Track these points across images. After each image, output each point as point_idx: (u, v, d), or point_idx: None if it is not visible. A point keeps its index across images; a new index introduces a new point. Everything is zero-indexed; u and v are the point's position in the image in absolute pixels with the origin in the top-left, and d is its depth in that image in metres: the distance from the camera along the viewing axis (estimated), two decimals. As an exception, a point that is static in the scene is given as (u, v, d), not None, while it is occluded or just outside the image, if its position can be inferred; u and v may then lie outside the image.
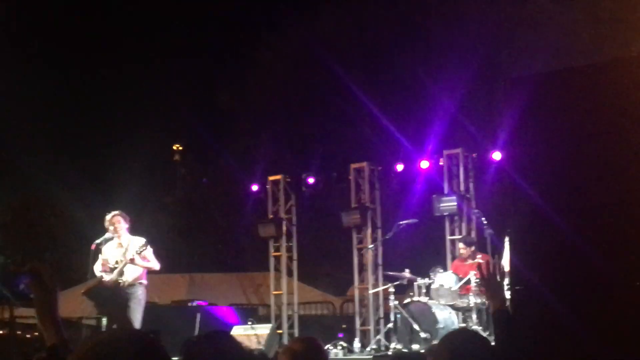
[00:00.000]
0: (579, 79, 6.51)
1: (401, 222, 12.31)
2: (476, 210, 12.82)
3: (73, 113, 18.67)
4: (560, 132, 6.40)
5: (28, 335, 13.02)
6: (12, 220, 18.91)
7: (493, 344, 4.24)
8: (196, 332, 11.97)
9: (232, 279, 19.10)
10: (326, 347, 12.94)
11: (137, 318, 9.76)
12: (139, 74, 18.34)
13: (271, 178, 15.90)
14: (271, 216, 15.72)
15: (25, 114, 17.15)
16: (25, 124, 17.11)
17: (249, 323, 12.27)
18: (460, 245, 12.18)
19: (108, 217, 10.01)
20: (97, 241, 9.88)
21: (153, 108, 19.06)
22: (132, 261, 9.85)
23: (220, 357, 2.19)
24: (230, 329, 12.61)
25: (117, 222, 9.96)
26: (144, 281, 10.04)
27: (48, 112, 18.06)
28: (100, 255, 9.99)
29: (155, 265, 10.09)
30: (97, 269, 9.98)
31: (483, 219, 11.70)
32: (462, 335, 3.95)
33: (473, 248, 11.76)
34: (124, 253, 9.91)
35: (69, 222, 18.22)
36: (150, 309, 9.99)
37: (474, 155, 13.91)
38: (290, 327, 15.43)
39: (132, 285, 9.87)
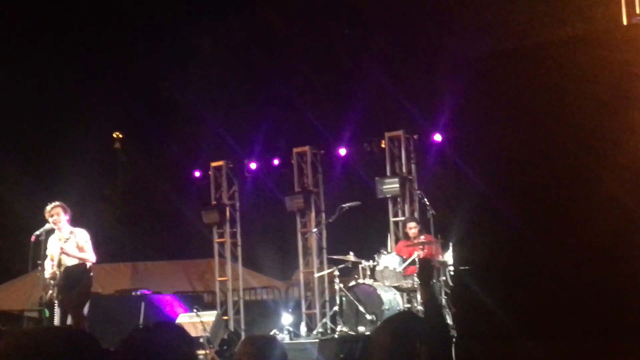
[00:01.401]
0: (518, 59, 6.57)
1: (344, 205, 12.33)
2: (418, 192, 12.91)
3: (12, 103, 18.31)
4: (500, 113, 6.46)
5: (3, 328, 12.82)
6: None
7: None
8: (141, 321, 11.87)
9: (176, 267, 18.98)
10: (272, 332, 12.95)
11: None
12: (78, 62, 18.06)
13: (214, 164, 15.81)
14: (214, 202, 15.64)
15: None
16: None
17: (195, 310, 12.20)
18: (412, 224, 12.20)
19: (48, 208, 9.86)
20: (37, 232, 9.71)
21: (93, 96, 18.79)
22: (63, 251, 9.72)
23: (166, 347, 2.16)
24: (175, 317, 12.54)
25: (56, 214, 9.81)
26: (92, 264, 9.90)
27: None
28: (47, 249, 9.84)
29: (91, 257, 9.93)
30: (47, 264, 9.83)
31: (425, 200, 11.78)
32: (401, 318, 3.98)
33: (419, 227, 11.86)
34: (63, 245, 9.78)
35: (9, 214, 17.89)
36: (94, 299, 9.85)
37: (416, 137, 13.99)
38: (236, 313, 15.40)
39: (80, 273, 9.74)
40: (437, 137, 13.38)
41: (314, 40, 17.11)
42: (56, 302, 9.70)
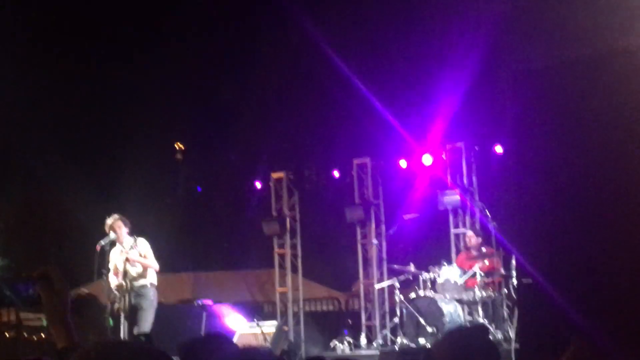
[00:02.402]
0: (580, 69, 6.49)
1: (405, 217, 12.32)
2: (480, 203, 12.81)
3: (77, 114, 18.63)
4: (562, 124, 6.39)
5: (35, 338, 13.02)
6: (17, 222, 18.90)
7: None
8: (202, 331, 11.97)
9: (236, 277, 19.09)
10: (332, 343, 12.95)
11: (148, 319, 9.77)
12: (140, 73, 18.33)
13: (274, 175, 15.90)
14: (275, 213, 15.72)
15: (29, 116, 17.13)
16: (28, 125, 17.09)
17: (255, 321, 12.27)
18: (469, 233, 12.16)
19: (108, 222, 10.01)
20: (102, 242, 9.88)
21: (155, 107, 19.03)
22: (128, 259, 9.87)
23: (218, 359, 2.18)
24: (236, 327, 12.61)
25: (117, 227, 9.96)
26: (154, 282, 10.03)
27: (51, 112, 18.03)
28: (110, 261, 10.00)
29: (154, 264, 10.05)
30: (112, 277, 9.98)
31: (487, 211, 11.68)
32: (463, 333, 3.95)
33: (480, 239, 11.76)
34: (127, 256, 9.93)
35: (74, 223, 18.21)
36: (157, 308, 9.99)
37: (477, 148, 13.89)
38: (296, 323, 15.43)
39: (143, 286, 9.87)
40: (498, 149, 13.27)
41: (375, 49, 17.10)
42: (122, 313, 9.86)
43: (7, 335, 12.25)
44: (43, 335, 11.95)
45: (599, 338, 5.61)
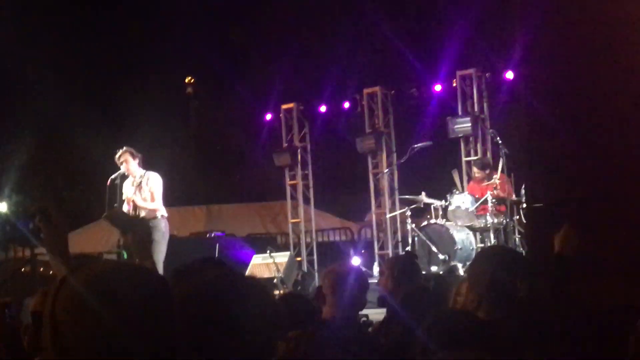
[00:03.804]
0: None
1: (415, 146, 12.29)
2: (491, 131, 12.74)
3: (86, 50, 18.57)
4: (573, 49, 6.30)
5: (51, 272, 13.18)
6: (31, 160, 18.98)
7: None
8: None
9: (249, 209, 19.20)
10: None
11: (161, 251, 9.83)
12: (151, 8, 18.19)
13: (284, 106, 15.84)
14: (286, 145, 15.71)
15: (40, 54, 17.08)
16: (40, 64, 17.05)
17: (268, 252, 12.36)
18: (475, 169, 12.18)
19: (117, 155, 10.02)
20: (112, 176, 9.92)
21: (165, 42, 18.93)
22: (134, 203, 9.90)
23: (213, 286, 2.17)
24: (249, 258, 12.73)
25: (125, 161, 9.97)
26: (164, 214, 10.06)
27: (61, 50, 17.97)
28: (122, 194, 10.05)
29: (160, 207, 10.04)
30: (124, 208, 10.04)
31: (498, 138, 11.62)
32: (499, 252, 3.98)
33: (487, 171, 11.73)
34: (135, 190, 9.97)
35: (87, 160, 18.28)
36: (170, 241, 10.06)
37: (488, 75, 13.76)
38: (309, 254, 15.54)
39: (153, 218, 9.92)
40: (509, 75, 13.14)
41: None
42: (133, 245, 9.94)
43: (23, 270, 12.43)
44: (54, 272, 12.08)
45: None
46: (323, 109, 15.43)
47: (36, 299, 5.22)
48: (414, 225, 11.70)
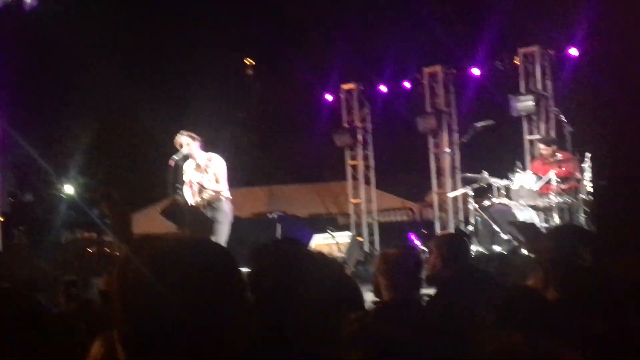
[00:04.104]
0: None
1: (477, 124, 12.15)
2: (554, 109, 12.54)
3: (147, 33, 18.75)
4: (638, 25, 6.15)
5: (117, 253, 13.39)
6: (94, 142, 19.28)
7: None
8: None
9: (310, 190, 19.23)
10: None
11: (224, 231, 9.89)
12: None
13: (345, 86, 15.81)
14: (346, 125, 15.69)
15: (100, 37, 17.29)
16: (101, 46, 17.26)
17: (329, 232, 12.38)
18: (541, 146, 11.98)
19: (178, 138, 10.05)
20: (175, 157, 9.98)
21: (222, 24, 19.01)
22: (200, 185, 9.96)
23: (290, 262, 2.18)
24: (309, 238, 12.75)
25: (186, 144, 10.00)
26: (228, 195, 10.11)
27: (123, 33, 18.18)
28: (184, 175, 10.11)
29: (224, 189, 10.08)
30: (187, 190, 10.11)
31: (562, 117, 11.43)
32: (563, 225, 3.95)
33: (554, 147, 11.55)
34: (201, 170, 10.03)
35: (150, 142, 18.50)
36: (232, 222, 10.13)
37: (551, 52, 13.53)
38: (370, 234, 15.53)
39: (217, 200, 9.99)
40: (573, 52, 12.90)
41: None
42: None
43: (89, 251, 12.65)
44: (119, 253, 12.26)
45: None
46: (383, 88, 15.37)
47: (104, 279, 5.30)
48: (476, 205, 11.60)
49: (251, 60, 21.90)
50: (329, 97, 16.22)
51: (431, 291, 5.17)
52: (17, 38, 13.61)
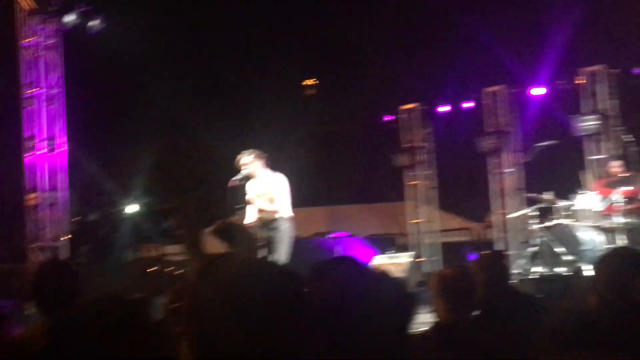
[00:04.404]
0: None
1: (539, 144, 12.03)
2: (619, 128, 12.35)
3: (210, 53, 19.02)
4: None
5: (180, 271, 13.51)
6: (159, 161, 19.57)
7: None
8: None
9: (370, 210, 19.21)
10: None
11: (283, 250, 9.88)
12: (273, 10, 18.50)
13: (404, 107, 15.80)
14: (405, 145, 15.67)
15: (163, 59, 17.58)
16: (163, 68, 17.55)
17: (389, 252, 12.35)
18: (613, 163, 11.73)
19: (241, 158, 10.08)
20: (235, 178, 10.03)
21: (286, 44, 19.19)
22: (260, 209, 9.99)
23: (348, 280, 2.18)
24: (370, 258, 12.72)
25: (248, 162, 10.03)
26: (290, 215, 10.10)
27: (184, 55, 18.48)
28: (246, 195, 10.16)
29: (283, 208, 10.05)
30: (249, 210, 10.15)
31: (627, 135, 11.24)
32: (618, 252, 3.89)
33: (623, 165, 11.36)
34: (260, 192, 10.06)
35: (211, 161, 18.72)
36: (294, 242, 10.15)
37: (616, 71, 13.34)
38: (431, 255, 15.42)
39: (276, 219, 9.99)
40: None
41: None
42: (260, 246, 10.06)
43: (152, 270, 12.82)
44: (183, 270, 12.40)
45: None
46: (443, 108, 15.33)
47: (169, 297, 5.38)
48: (539, 226, 11.46)
49: (311, 81, 22.05)
50: (389, 118, 16.22)
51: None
52: (83, 60, 13.91)
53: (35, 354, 2.81)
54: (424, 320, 4.22)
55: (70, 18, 11.65)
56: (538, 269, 11.16)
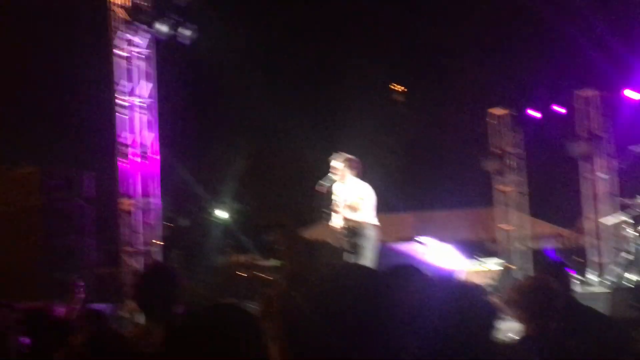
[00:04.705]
0: None
1: (634, 148, 11.75)
2: None
3: (297, 59, 19.18)
4: None
5: (269, 277, 13.58)
6: (248, 169, 19.82)
7: None
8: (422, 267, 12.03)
9: (458, 215, 19.02)
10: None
11: (368, 257, 9.92)
12: (359, 14, 18.56)
13: (494, 111, 15.62)
14: (496, 150, 15.49)
15: (253, 66, 17.80)
16: (254, 75, 17.77)
17: (478, 259, 12.22)
18: None
19: (333, 161, 10.14)
20: (323, 183, 10.09)
21: (374, 49, 19.20)
22: (345, 217, 10.03)
23: (411, 291, 2.18)
24: (456, 266, 12.61)
25: (340, 168, 10.09)
26: (375, 222, 10.13)
27: (274, 61, 18.69)
28: (333, 197, 10.21)
29: (369, 217, 10.07)
30: (335, 215, 10.21)
31: None
32: None
33: None
34: (347, 199, 10.10)
35: (299, 167, 18.86)
36: (379, 247, 10.16)
37: None
38: (522, 262, 15.18)
39: (362, 226, 10.03)
40: None
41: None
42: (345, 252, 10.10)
43: (241, 275, 12.95)
44: (272, 276, 12.48)
45: None
46: (534, 113, 15.10)
47: (262, 302, 5.46)
48: (634, 232, 11.18)
49: (399, 86, 22.00)
50: (478, 122, 16.05)
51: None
52: (175, 68, 14.21)
53: (148, 355, 2.90)
54: (511, 329, 4.16)
55: (163, 27, 11.90)
56: (633, 277, 10.88)
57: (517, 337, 4.12)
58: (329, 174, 10.14)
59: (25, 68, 15.57)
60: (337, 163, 10.12)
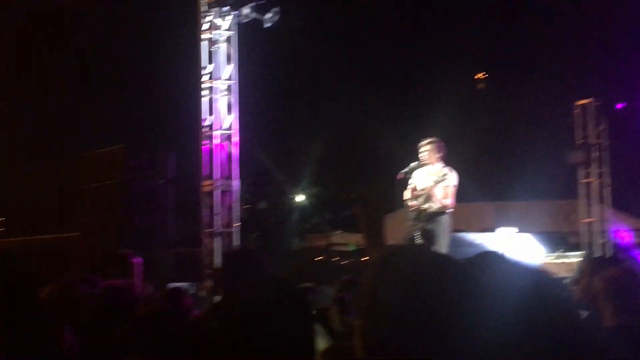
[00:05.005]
0: None
1: None
2: None
3: (384, 49, 19.14)
4: None
5: (345, 262, 13.61)
6: (326, 154, 19.86)
7: None
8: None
9: (539, 207, 18.74)
10: None
11: (442, 244, 9.85)
12: (445, 5, 18.42)
13: (580, 102, 15.28)
14: (580, 142, 15.16)
15: (339, 52, 17.81)
16: (339, 60, 17.78)
17: (560, 251, 12.01)
18: None
19: (421, 144, 10.11)
20: (403, 170, 10.05)
21: (457, 36, 19.02)
22: (430, 193, 9.95)
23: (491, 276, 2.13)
24: (537, 257, 12.41)
25: (426, 152, 10.05)
26: (451, 208, 10.05)
27: (356, 48, 18.67)
28: (410, 181, 10.16)
29: (450, 204, 10.01)
30: (407, 194, 10.17)
31: None
32: None
33: None
34: (433, 181, 10.01)
35: (378, 154, 18.81)
36: (456, 236, 10.06)
37: None
38: (603, 255, 14.85)
39: (441, 213, 9.96)
40: None
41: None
42: (415, 235, 10.03)
43: (318, 259, 13.02)
44: (351, 260, 12.51)
45: None
46: (621, 104, 14.72)
47: (338, 286, 5.46)
48: None
49: (483, 74, 21.75)
50: (563, 113, 15.74)
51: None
52: (257, 52, 14.29)
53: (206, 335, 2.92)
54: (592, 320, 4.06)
55: (246, 11, 11.96)
56: None
57: (606, 328, 4.03)
58: (412, 163, 10.09)
59: (118, 53, 15.92)
60: (424, 145, 10.07)
